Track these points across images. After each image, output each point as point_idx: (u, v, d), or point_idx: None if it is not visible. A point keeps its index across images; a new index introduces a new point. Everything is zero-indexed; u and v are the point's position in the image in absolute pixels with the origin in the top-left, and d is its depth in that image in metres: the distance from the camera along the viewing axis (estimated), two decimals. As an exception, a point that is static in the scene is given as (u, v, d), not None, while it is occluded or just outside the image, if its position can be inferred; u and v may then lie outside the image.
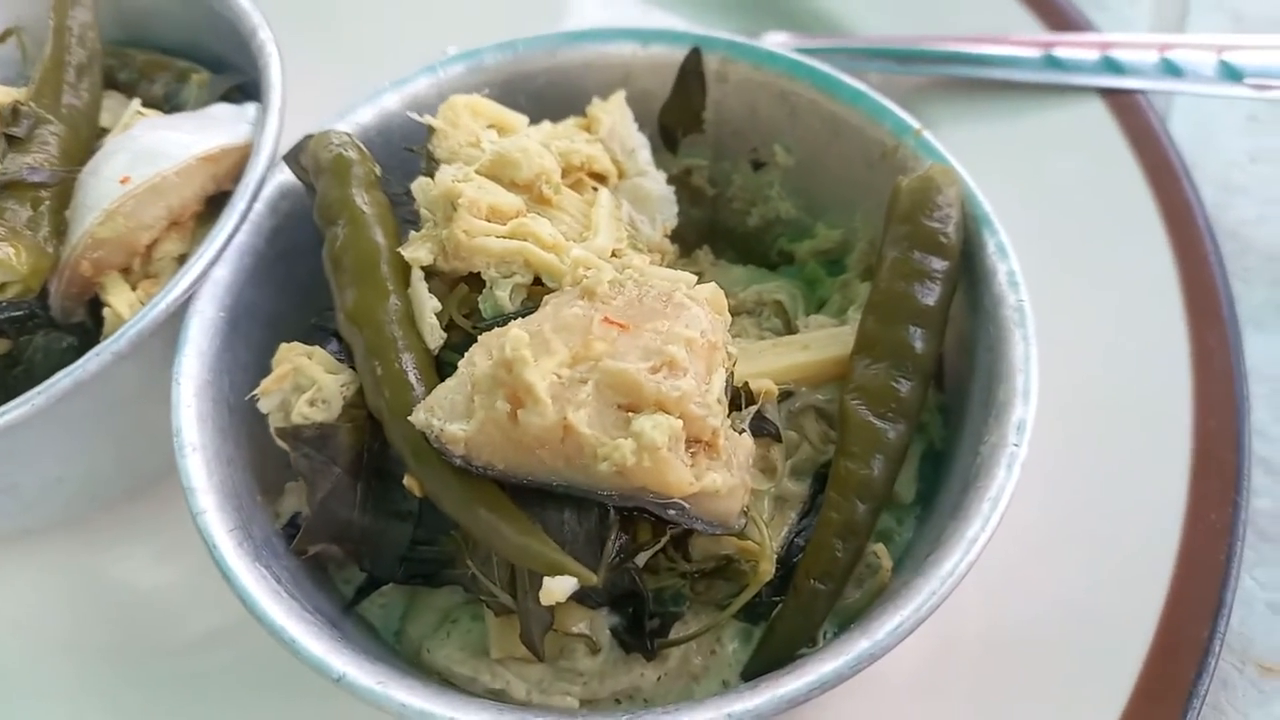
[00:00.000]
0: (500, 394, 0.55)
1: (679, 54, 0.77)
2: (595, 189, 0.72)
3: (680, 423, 0.54)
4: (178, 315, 0.65)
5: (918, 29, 0.97)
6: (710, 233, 0.83)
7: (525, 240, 0.63)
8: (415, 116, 0.70)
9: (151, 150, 0.71)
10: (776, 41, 0.96)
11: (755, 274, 0.79)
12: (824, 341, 0.69)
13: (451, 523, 0.61)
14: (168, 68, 0.85)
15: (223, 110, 0.76)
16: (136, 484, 0.77)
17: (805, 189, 0.79)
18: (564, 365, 0.56)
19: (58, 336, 0.73)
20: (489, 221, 0.64)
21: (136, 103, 0.77)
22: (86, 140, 0.77)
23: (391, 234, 0.65)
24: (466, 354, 0.58)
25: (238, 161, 0.73)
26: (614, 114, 0.75)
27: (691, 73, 0.78)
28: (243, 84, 0.82)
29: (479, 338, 0.59)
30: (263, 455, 0.66)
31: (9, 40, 0.90)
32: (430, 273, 0.65)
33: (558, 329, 0.58)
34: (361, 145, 0.68)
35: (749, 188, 0.82)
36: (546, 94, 0.79)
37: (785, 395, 0.68)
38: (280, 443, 0.64)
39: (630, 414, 0.55)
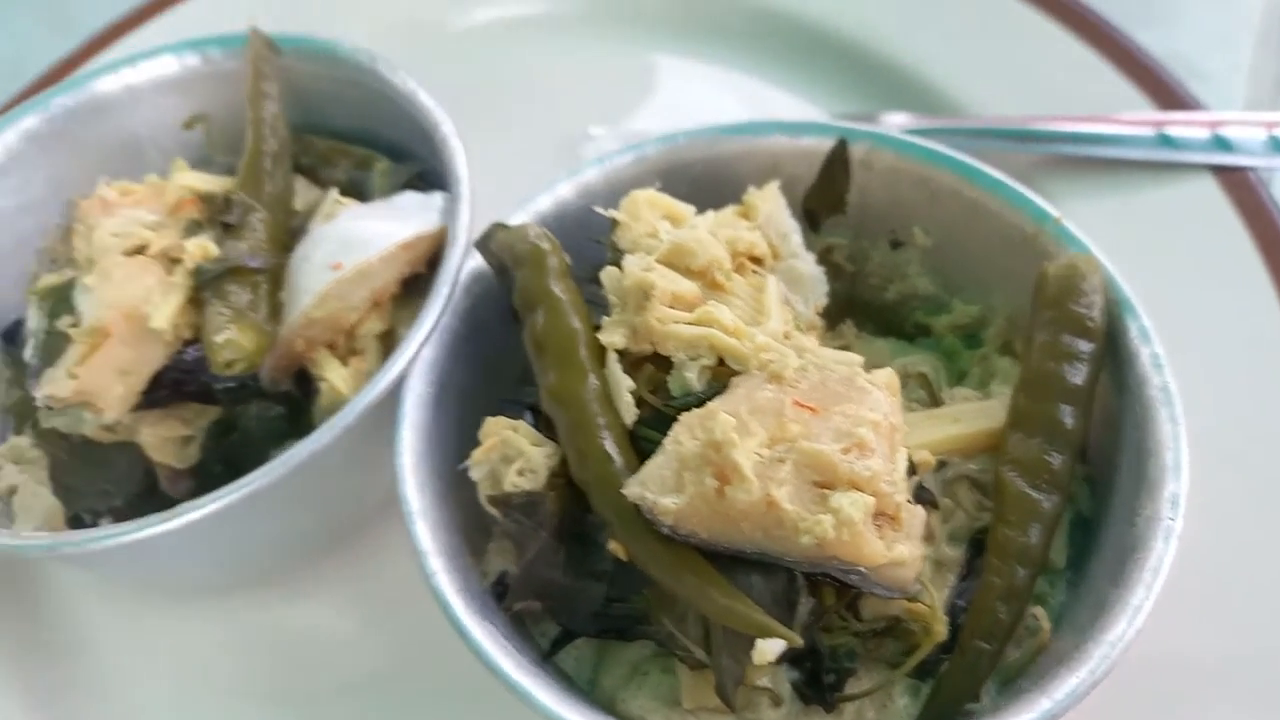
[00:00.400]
0: (708, 471, 0.62)
1: (826, 144, 0.84)
2: (756, 272, 0.78)
3: (873, 500, 0.60)
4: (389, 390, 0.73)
5: (1029, 108, 1.03)
6: (849, 305, 0.89)
7: (710, 326, 0.70)
8: (600, 211, 0.77)
9: (357, 238, 0.78)
10: (896, 121, 1.03)
11: (897, 347, 0.85)
12: (974, 415, 0.75)
13: (643, 583, 0.68)
14: (348, 154, 0.93)
15: (411, 199, 0.84)
16: (327, 543, 0.84)
17: (942, 267, 0.85)
18: (764, 445, 0.62)
19: (268, 405, 0.80)
20: (674, 308, 0.71)
21: (334, 192, 0.85)
22: (285, 225, 0.85)
23: (585, 319, 0.72)
24: (670, 433, 0.65)
25: (430, 247, 0.81)
26: (770, 202, 0.81)
27: (838, 161, 0.84)
28: (421, 171, 0.90)
29: (679, 417, 0.66)
30: (466, 518, 0.73)
31: (196, 127, 0.99)
32: (619, 354, 0.72)
33: (753, 411, 0.64)
34: (552, 237, 0.75)
35: (887, 264, 0.88)
36: (701, 181, 0.86)
37: (939, 465, 0.74)
38: (490, 508, 0.71)
39: (824, 491, 0.61)
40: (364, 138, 0.95)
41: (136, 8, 1.24)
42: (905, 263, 0.87)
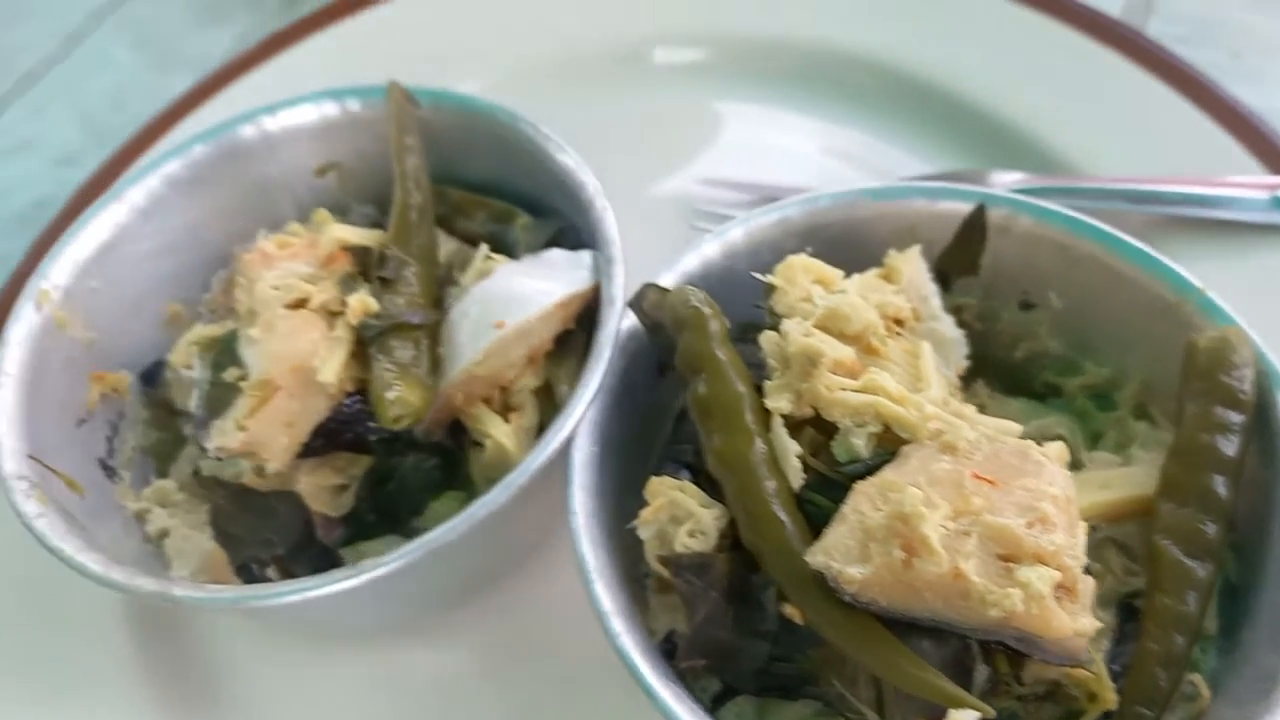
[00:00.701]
0: (895, 543, 0.64)
1: (963, 208, 0.86)
2: (900, 334, 0.80)
3: (1058, 573, 0.62)
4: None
5: (1136, 168, 1.05)
6: (980, 365, 0.92)
7: (876, 394, 0.72)
8: (760, 277, 0.79)
9: (517, 297, 0.80)
10: (1009, 180, 1.05)
11: (1030, 408, 0.87)
12: (1122, 481, 0.77)
13: (809, 643, 0.70)
14: (484, 207, 0.96)
15: (560, 256, 0.86)
16: (469, 595, 0.86)
17: (1074, 329, 0.87)
18: (948, 518, 0.64)
19: (424, 457, 0.82)
20: (834, 374, 0.73)
21: (484, 248, 0.87)
22: (435, 278, 0.87)
23: (748, 383, 0.74)
24: (849, 501, 0.67)
25: (581, 304, 0.83)
26: (912, 265, 0.84)
27: (976, 226, 0.86)
28: (561, 227, 0.92)
29: (854, 485, 0.68)
30: (626, 576, 0.75)
31: (327, 174, 1.01)
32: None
33: (932, 483, 0.66)
34: (711, 301, 0.77)
35: (1017, 324, 0.90)
36: (837, 242, 0.87)
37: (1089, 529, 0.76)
38: (657, 567, 0.73)
39: (1008, 563, 0.63)
40: (496, 189, 0.98)
41: (244, 54, 1.27)
42: (1035, 323, 0.90)
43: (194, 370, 0.81)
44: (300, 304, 0.82)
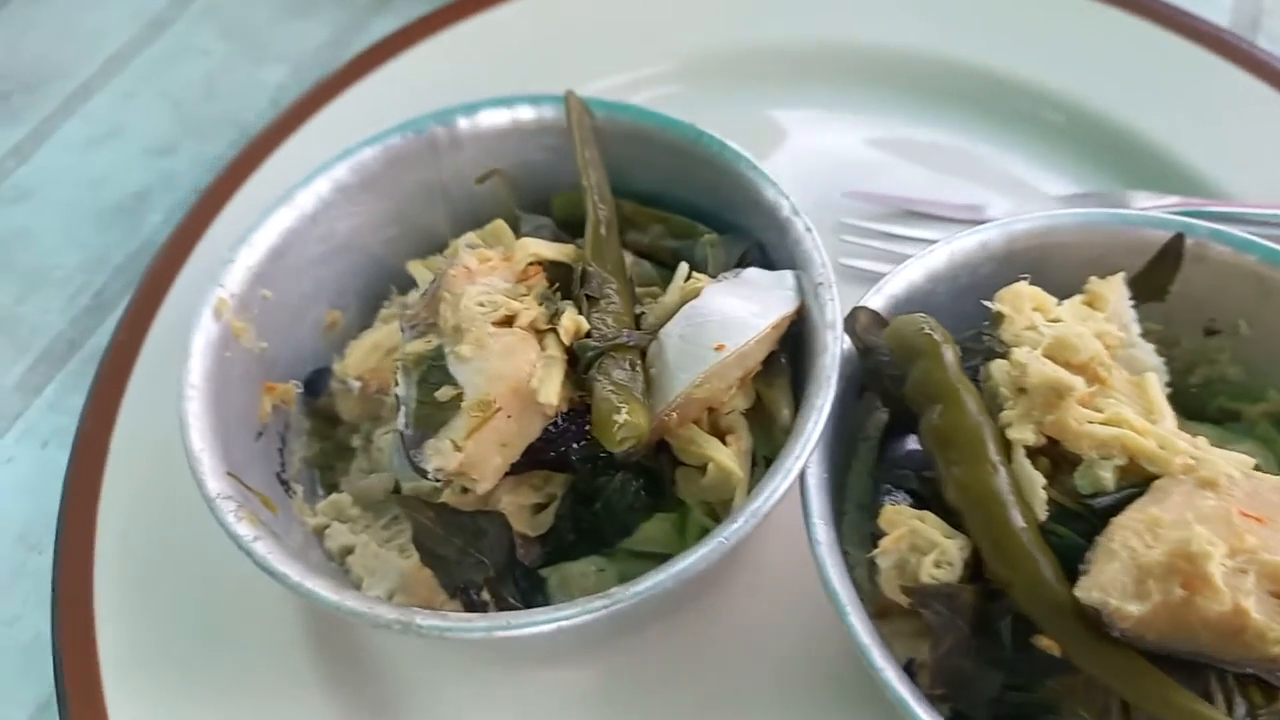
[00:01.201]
0: (1175, 580, 0.64)
1: (1157, 235, 0.87)
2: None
3: (1334, 611, 0.63)
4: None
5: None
6: (1162, 391, 0.93)
7: (1120, 426, 0.72)
8: (989, 305, 0.79)
9: (734, 319, 0.79)
10: (1164, 203, 1.06)
11: (1218, 433, 0.88)
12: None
13: (1048, 673, 0.70)
14: (659, 220, 0.94)
15: (761, 276, 0.85)
16: (668, 612, 0.85)
17: (1259, 358, 0.88)
18: (1225, 556, 0.65)
19: (629, 477, 0.81)
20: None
21: (685, 268, 0.85)
22: (632, 295, 0.86)
23: (985, 412, 0.74)
24: (1111, 536, 0.67)
25: (787, 326, 0.82)
26: (1116, 291, 0.84)
27: (1171, 253, 0.87)
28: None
29: (1116, 521, 0.68)
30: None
31: (487, 181, 0.99)
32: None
33: (1200, 519, 0.67)
34: (941, 328, 0.77)
35: (1195, 350, 0.91)
36: (1030, 266, 0.87)
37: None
38: (898, 597, 0.73)
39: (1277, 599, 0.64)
40: (664, 202, 0.96)
41: (358, 53, 1.23)
42: (1216, 350, 0.90)
43: (399, 388, 0.79)
44: (507, 321, 0.80)
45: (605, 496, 0.81)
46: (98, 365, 1.00)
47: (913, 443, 0.82)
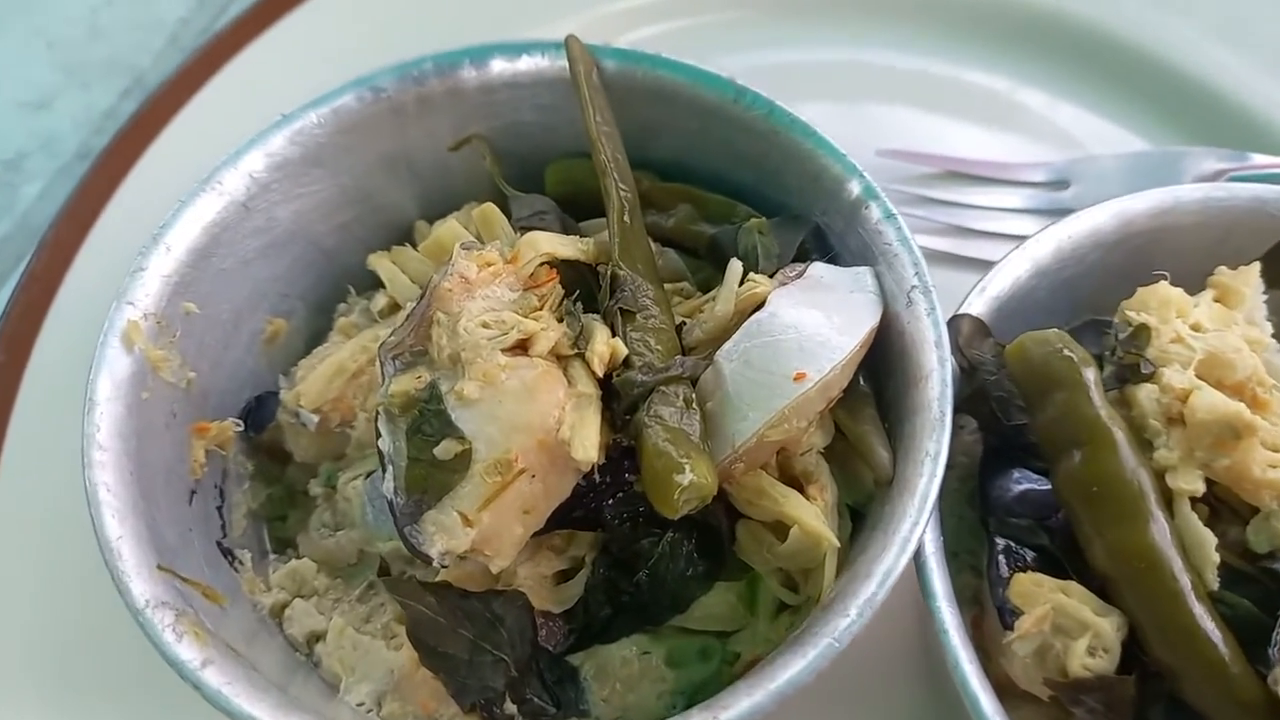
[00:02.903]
0: None
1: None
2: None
3: None
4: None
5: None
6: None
7: (1306, 469, 0.58)
8: (1131, 316, 0.63)
9: (813, 337, 0.62)
10: (1254, 166, 0.92)
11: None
12: None
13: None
14: (686, 198, 0.76)
15: (832, 274, 0.67)
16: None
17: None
18: None
19: (678, 538, 0.64)
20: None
21: (737, 267, 0.67)
22: (670, 303, 0.68)
23: (1143, 459, 0.59)
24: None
25: (871, 339, 0.66)
26: (1251, 284, 0.70)
27: (1306, 235, 0.73)
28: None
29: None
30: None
31: (466, 147, 0.79)
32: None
33: None
34: (1080, 346, 0.61)
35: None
36: (1143, 251, 0.72)
37: None
38: (1042, 691, 0.58)
39: None
40: (687, 174, 0.78)
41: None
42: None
43: (383, 440, 0.60)
44: (521, 347, 0.61)
45: (651, 563, 0.64)
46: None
47: (1021, 478, 0.67)
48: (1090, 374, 0.60)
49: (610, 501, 0.63)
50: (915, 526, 0.57)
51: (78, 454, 0.60)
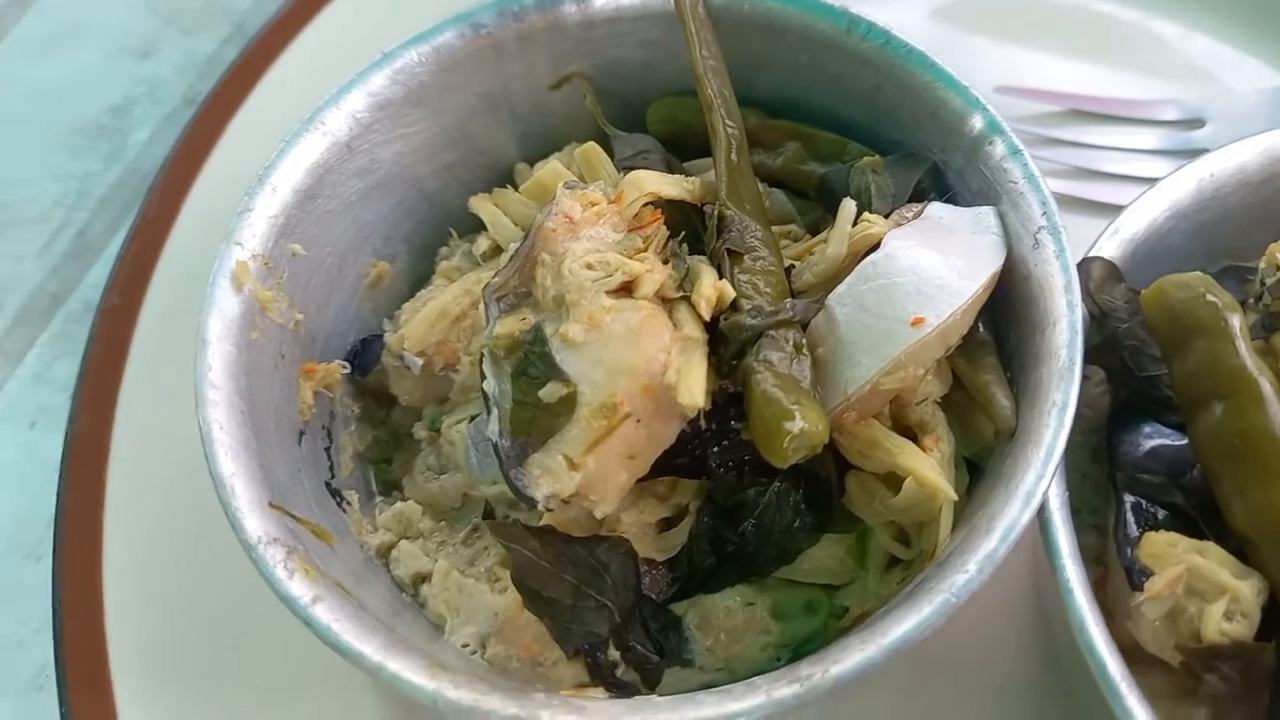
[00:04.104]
0: None
1: None
2: None
3: None
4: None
5: None
6: None
7: None
8: (1283, 255, 0.59)
9: (931, 280, 0.59)
10: None
11: None
12: None
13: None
14: (794, 135, 0.73)
15: (952, 216, 0.64)
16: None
17: None
18: None
19: (786, 487, 0.62)
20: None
21: (851, 206, 0.64)
22: (779, 245, 0.66)
23: (1290, 409, 0.55)
24: None
25: (994, 283, 0.62)
26: None
27: None
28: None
29: None
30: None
31: (566, 86, 0.77)
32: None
33: None
34: (1226, 293, 0.57)
35: None
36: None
37: None
38: (1172, 657, 0.55)
39: None
40: (800, 111, 0.75)
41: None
42: None
43: (487, 383, 0.60)
44: (626, 289, 0.60)
45: (757, 513, 0.62)
46: (89, 334, 0.80)
47: (1153, 433, 0.63)
48: (1235, 320, 0.56)
49: (716, 449, 0.62)
50: (1040, 480, 0.54)
51: (191, 396, 0.61)
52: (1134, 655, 0.59)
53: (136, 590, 0.74)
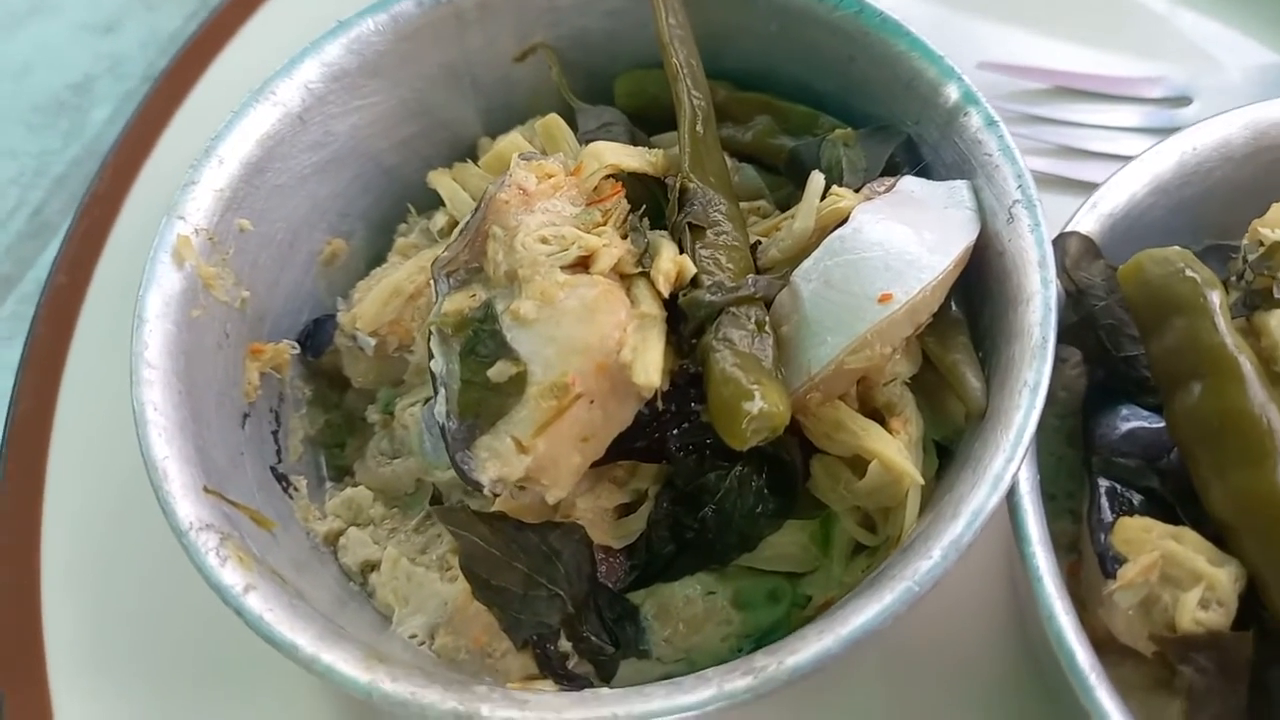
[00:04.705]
0: None
1: None
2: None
3: None
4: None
5: None
6: None
7: None
8: (1266, 234, 0.56)
9: (901, 255, 0.56)
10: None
11: None
12: None
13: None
14: (765, 108, 0.70)
15: (924, 189, 0.62)
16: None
17: None
18: None
19: (748, 471, 0.59)
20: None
21: (819, 179, 0.62)
22: (744, 219, 0.63)
23: (1270, 388, 0.53)
24: None
25: (966, 258, 0.60)
26: None
27: None
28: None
29: None
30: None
31: (531, 58, 0.74)
32: None
33: None
34: (1205, 268, 0.55)
35: None
36: (1270, 172, 0.65)
37: None
38: (1146, 647, 0.53)
39: None
40: (771, 82, 0.72)
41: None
42: None
43: (435, 362, 0.57)
44: (582, 264, 0.57)
45: (718, 498, 0.59)
46: (33, 314, 0.78)
47: (1130, 415, 0.61)
48: (1215, 297, 0.53)
49: (675, 431, 0.59)
50: (1009, 463, 0.51)
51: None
52: (1108, 645, 0.56)
53: (75, 577, 0.71)
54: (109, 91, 1.02)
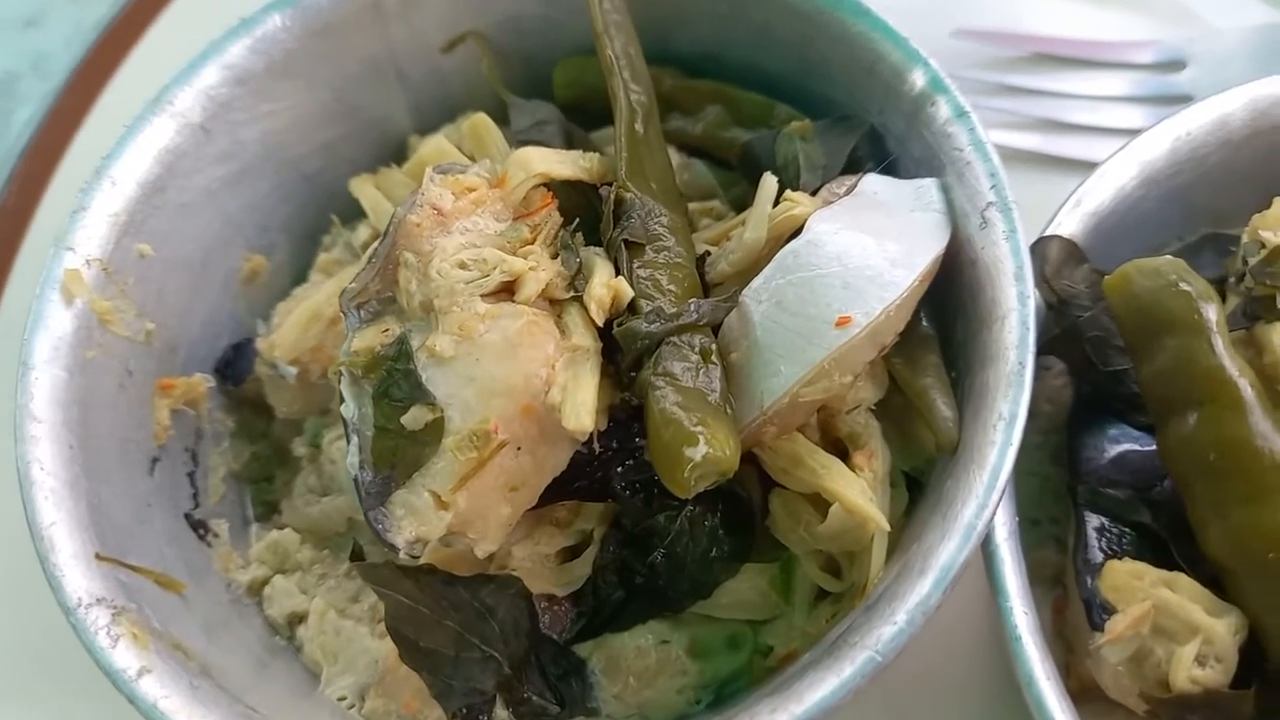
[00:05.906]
0: None
1: None
2: None
3: None
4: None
5: None
6: None
7: None
8: (1268, 236, 0.50)
9: (861, 271, 0.50)
10: None
11: None
12: None
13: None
14: (716, 97, 0.64)
15: (888, 189, 0.55)
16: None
17: None
18: None
19: (701, 511, 0.54)
20: None
21: (771, 183, 0.55)
22: (689, 232, 0.57)
23: (1274, 414, 0.47)
24: None
25: (935, 269, 0.54)
26: None
27: None
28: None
29: None
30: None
31: (461, 48, 0.68)
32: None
33: None
34: (1201, 280, 0.49)
35: None
36: (1267, 155, 0.59)
37: None
38: (1137, 705, 0.48)
39: None
40: (723, 68, 0.66)
41: None
42: None
43: (346, 406, 0.52)
44: (506, 290, 0.51)
45: (668, 541, 0.54)
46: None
47: (1120, 436, 0.55)
48: (1212, 313, 0.47)
49: (620, 469, 0.54)
50: (983, 510, 0.46)
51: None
52: (1095, 693, 0.52)
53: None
54: (33, 90, 0.95)
